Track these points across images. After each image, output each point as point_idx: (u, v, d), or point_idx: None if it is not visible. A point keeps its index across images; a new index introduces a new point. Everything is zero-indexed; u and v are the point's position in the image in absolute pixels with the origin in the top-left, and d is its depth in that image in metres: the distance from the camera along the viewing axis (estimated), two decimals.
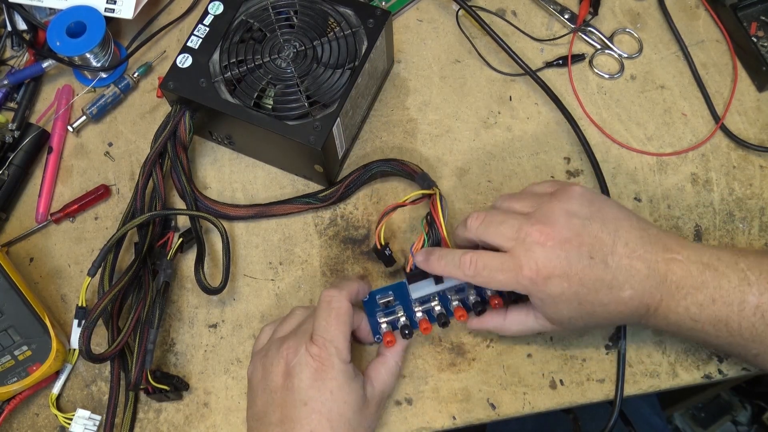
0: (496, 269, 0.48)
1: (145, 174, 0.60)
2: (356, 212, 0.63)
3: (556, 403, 0.56)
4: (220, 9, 0.61)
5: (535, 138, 0.64)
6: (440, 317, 0.54)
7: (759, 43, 0.64)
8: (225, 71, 0.59)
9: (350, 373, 0.49)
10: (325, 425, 0.47)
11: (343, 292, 0.51)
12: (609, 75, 0.66)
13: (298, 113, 0.57)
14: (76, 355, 0.60)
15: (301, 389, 0.48)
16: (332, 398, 0.48)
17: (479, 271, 0.48)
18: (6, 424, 0.59)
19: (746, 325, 0.47)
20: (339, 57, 0.58)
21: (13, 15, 0.70)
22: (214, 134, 0.64)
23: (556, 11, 0.69)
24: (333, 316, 0.49)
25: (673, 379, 0.56)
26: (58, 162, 0.67)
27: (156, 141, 0.60)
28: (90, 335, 0.54)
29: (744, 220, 0.61)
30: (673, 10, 0.68)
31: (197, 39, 0.60)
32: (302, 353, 0.49)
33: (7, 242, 0.64)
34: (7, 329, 0.57)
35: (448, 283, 0.53)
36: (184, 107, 0.59)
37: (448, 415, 0.56)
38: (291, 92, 0.58)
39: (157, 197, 0.61)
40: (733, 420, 1.32)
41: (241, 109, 0.57)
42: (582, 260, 0.47)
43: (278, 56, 0.59)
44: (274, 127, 0.56)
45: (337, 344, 0.49)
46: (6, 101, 0.68)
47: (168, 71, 0.59)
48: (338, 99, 0.57)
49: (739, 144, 0.63)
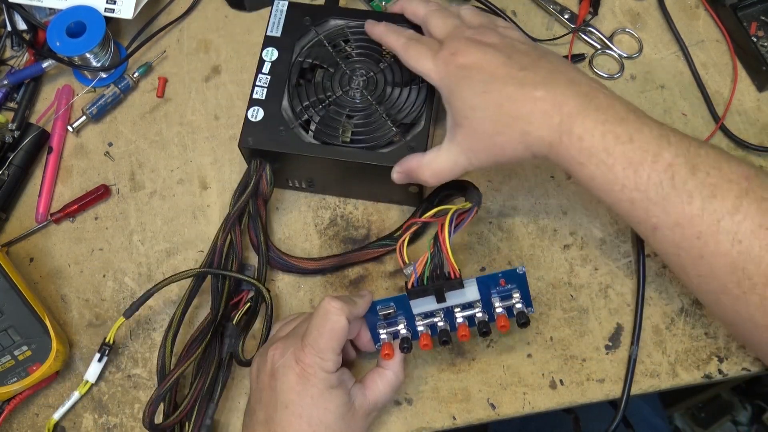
0: (423, 45, 0.53)
1: (225, 232, 0.58)
2: (356, 212, 0.63)
3: (556, 403, 0.56)
4: (275, 55, 0.60)
5: None
6: (442, 334, 0.52)
7: (759, 43, 0.64)
8: (301, 114, 0.57)
9: (332, 382, 0.49)
10: (306, 429, 0.48)
11: (345, 308, 0.49)
12: (609, 75, 0.66)
13: (386, 140, 0.56)
14: (87, 387, 0.58)
15: (283, 392, 0.48)
16: (313, 404, 0.48)
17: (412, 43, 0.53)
18: (6, 424, 0.59)
19: (655, 180, 0.45)
20: (410, 74, 0.57)
21: (13, 15, 0.70)
22: (292, 181, 0.62)
23: (556, 11, 0.69)
24: (327, 330, 0.48)
25: (673, 379, 0.56)
26: (58, 162, 0.67)
27: (238, 199, 0.58)
28: (156, 408, 0.52)
29: None
30: (673, 10, 0.68)
31: (262, 89, 0.59)
32: (288, 357, 0.49)
33: (7, 242, 0.64)
34: (7, 329, 0.57)
35: (450, 301, 0.52)
36: (264, 161, 0.58)
37: (448, 415, 0.56)
38: (373, 120, 0.57)
39: (233, 255, 0.59)
40: (733, 420, 1.32)
41: (329, 148, 0.56)
42: (499, 57, 0.49)
43: (349, 87, 0.58)
44: (368, 159, 0.55)
45: (324, 356, 0.48)
46: (6, 101, 0.68)
47: (243, 128, 0.57)
48: (423, 115, 0.57)
49: (739, 144, 0.63)
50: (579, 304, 0.58)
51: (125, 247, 0.64)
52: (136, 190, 0.66)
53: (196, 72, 0.70)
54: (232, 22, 0.71)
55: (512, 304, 0.51)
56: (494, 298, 0.52)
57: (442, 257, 0.51)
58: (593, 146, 0.46)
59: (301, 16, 0.61)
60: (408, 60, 0.53)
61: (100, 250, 0.64)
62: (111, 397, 0.59)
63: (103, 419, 0.58)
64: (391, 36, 0.56)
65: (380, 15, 0.61)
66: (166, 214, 0.64)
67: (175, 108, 0.68)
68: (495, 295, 0.52)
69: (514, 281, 0.51)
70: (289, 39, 0.60)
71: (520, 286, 0.51)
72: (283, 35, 0.60)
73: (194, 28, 0.71)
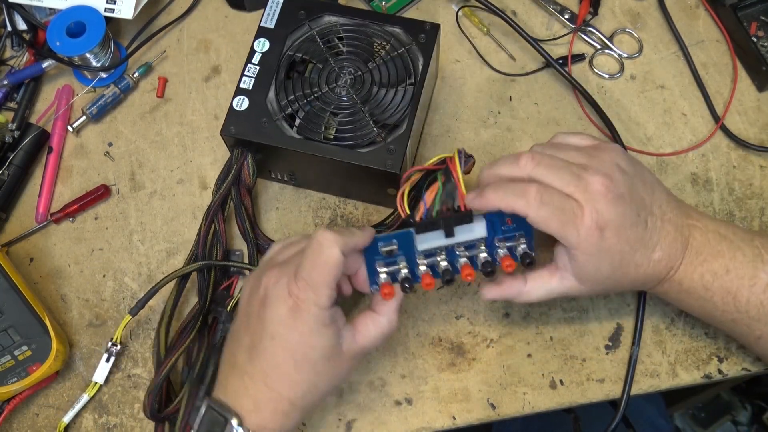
0: (558, 207, 0.46)
1: (208, 222, 0.59)
2: (356, 212, 0.63)
3: (556, 403, 0.56)
4: (266, 46, 0.60)
5: (534, 138, 0.64)
6: (445, 273, 0.49)
7: (759, 43, 0.64)
8: (285, 108, 0.58)
9: (324, 320, 0.46)
10: (290, 363, 0.47)
11: (339, 240, 0.46)
12: (609, 75, 0.66)
13: (368, 140, 0.56)
14: (96, 388, 0.58)
15: (273, 322, 0.47)
16: (300, 340, 0.46)
17: (545, 203, 0.46)
18: (6, 424, 0.59)
19: (755, 301, 0.47)
20: (397, 76, 0.58)
21: (13, 15, 0.70)
22: (275, 173, 0.62)
23: (556, 11, 0.69)
24: (320, 263, 0.46)
25: (673, 379, 0.56)
26: (58, 162, 0.67)
27: (219, 188, 0.59)
28: (156, 397, 0.53)
29: (744, 220, 0.60)
30: (673, 10, 0.68)
31: (249, 79, 0.59)
32: (281, 286, 0.47)
33: (7, 242, 0.64)
34: (7, 329, 0.56)
35: (459, 237, 0.49)
36: (245, 150, 0.58)
37: (448, 415, 0.56)
38: (357, 119, 0.57)
39: (218, 243, 0.60)
40: (733, 420, 1.32)
41: (310, 144, 0.56)
42: (632, 217, 0.47)
43: (336, 85, 0.58)
44: (347, 158, 0.55)
45: (318, 290, 0.46)
46: (6, 101, 0.68)
47: (226, 116, 0.58)
48: (406, 118, 0.56)
49: (739, 144, 0.63)
50: (579, 304, 0.58)
51: (125, 247, 0.64)
52: (136, 190, 0.66)
53: (196, 72, 0.70)
54: (232, 22, 0.71)
55: (515, 246, 0.50)
56: (499, 241, 0.50)
57: (454, 186, 0.49)
58: (692, 287, 0.49)
59: (296, 10, 0.61)
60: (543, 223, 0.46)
61: (100, 250, 0.64)
62: (111, 397, 0.59)
63: (103, 419, 0.58)
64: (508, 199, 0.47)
65: (379, 15, 0.61)
66: (166, 214, 0.64)
67: (175, 108, 0.68)
68: (501, 236, 0.50)
69: (521, 224, 0.49)
70: (282, 31, 0.60)
71: (525, 229, 0.50)
72: (277, 27, 0.60)
73: (194, 28, 0.71)
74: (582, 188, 0.46)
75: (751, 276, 0.48)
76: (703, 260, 0.48)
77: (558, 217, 0.46)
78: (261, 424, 0.47)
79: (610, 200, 0.46)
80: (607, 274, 0.48)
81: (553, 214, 0.46)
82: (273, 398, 0.47)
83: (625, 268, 0.48)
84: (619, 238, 0.46)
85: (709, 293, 0.48)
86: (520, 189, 0.46)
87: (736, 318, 0.48)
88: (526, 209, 0.46)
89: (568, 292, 0.50)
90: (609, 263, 0.47)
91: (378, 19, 0.60)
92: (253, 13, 0.71)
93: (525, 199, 0.46)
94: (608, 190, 0.46)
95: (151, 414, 0.54)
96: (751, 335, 0.49)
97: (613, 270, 0.48)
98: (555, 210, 0.46)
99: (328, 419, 0.57)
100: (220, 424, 0.46)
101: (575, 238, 0.46)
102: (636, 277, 0.48)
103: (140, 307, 0.57)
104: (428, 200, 0.49)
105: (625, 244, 0.47)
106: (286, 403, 0.47)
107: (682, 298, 0.50)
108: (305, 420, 0.57)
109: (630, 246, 0.47)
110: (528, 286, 0.51)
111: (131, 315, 0.57)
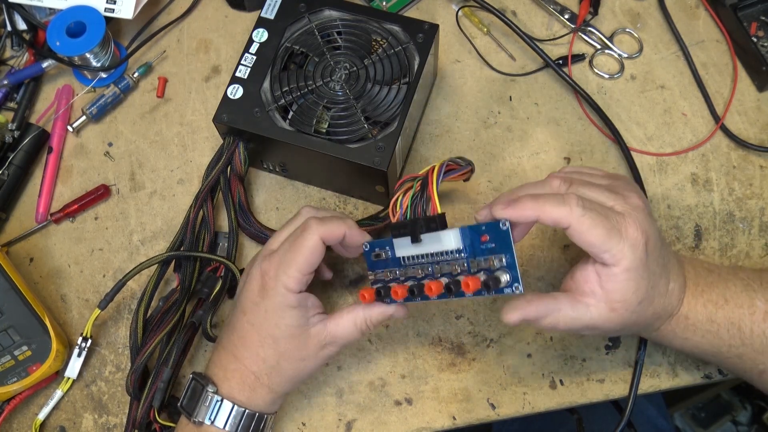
0: (602, 215, 0.43)
1: (196, 207, 0.60)
2: (356, 212, 0.63)
3: (556, 403, 0.56)
4: (264, 36, 0.60)
5: (535, 138, 0.64)
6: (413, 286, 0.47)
7: (759, 43, 0.64)
8: (278, 99, 0.58)
9: (290, 302, 0.48)
10: (255, 337, 0.49)
11: (321, 229, 0.48)
12: (609, 75, 0.66)
13: (358, 135, 0.56)
14: (69, 384, 0.59)
15: (246, 298, 0.50)
16: (265, 317, 0.49)
17: (588, 209, 0.43)
18: (6, 424, 0.59)
19: (758, 332, 0.47)
20: (392, 74, 0.58)
21: (13, 15, 0.70)
22: (266, 163, 0.63)
23: (556, 11, 0.69)
24: (296, 246, 0.48)
25: (673, 379, 0.56)
26: (58, 162, 0.67)
27: (209, 174, 0.60)
28: (137, 380, 0.55)
29: (744, 220, 0.61)
30: (673, 10, 0.68)
31: (245, 68, 0.59)
32: (256, 265, 0.50)
33: (7, 242, 0.64)
34: (7, 329, 0.57)
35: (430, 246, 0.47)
36: (237, 138, 0.59)
37: (448, 415, 0.56)
38: (348, 114, 0.57)
39: (206, 229, 0.60)
40: (733, 420, 1.32)
41: (300, 136, 0.56)
42: (660, 238, 0.47)
43: (330, 79, 0.58)
44: (336, 152, 0.55)
45: (288, 272, 0.48)
46: (6, 101, 0.68)
47: (220, 103, 0.58)
48: (397, 117, 0.56)
49: (739, 144, 0.63)
50: None
51: (125, 247, 0.64)
52: (136, 190, 0.66)
53: (196, 72, 0.70)
54: (232, 22, 0.71)
55: (492, 267, 0.45)
56: (478, 259, 0.46)
57: (427, 195, 0.49)
58: (698, 320, 0.48)
59: (297, 3, 0.61)
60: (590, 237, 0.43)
61: (100, 250, 0.64)
62: (111, 397, 0.59)
63: (103, 419, 0.58)
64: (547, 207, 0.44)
65: (379, 13, 0.61)
66: (166, 214, 0.64)
67: (175, 108, 0.68)
68: (471, 253, 0.46)
69: (498, 239, 0.45)
70: (281, 23, 0.60)
71: (503, 247, 0.44)
72: (277, 18, 0.61)
73: (194, 28, 0.71)
74: (621, 201, 0.45)
75: (749, 305, 0.48)
76: (702, 291, 0.48)
77: (603, 224, 0.43)
78: (230, 393, 0.50)
79: (647, 215, 0.46)
80: (641, 298, 0.45)
81: (597, 221, 0.43)
82: (239, 369, 0.50)
83: (651, 296, 0.45)
84: (655, 255, 0.45)
85: (715, 326, 0.48)
86: (560, 197, 0.44)
87: (743, 353, 0.48)
88: (569, 217, 0.43)
89: (592, 323, 0.45)
90: (646, 283, 0.44)
91: (377, 16, 0.60)
92: (253, 13, 0.71)
93: (567, 206, 0.43)
94: (645, 205, 0.46)
95: (135, 395, 0.55)
96: (755, 369, 0.49)
97: (646, 293, 0.45)
98: (599, 217, 0.43)
99: (328, 419, 0.57)
100: (199, 391, 0.50)
101: (619, 250, 0.43)
102: (655, 309, 0.46)
103: (108, 301, 0.57)
104: (404, 204, 0.50)
105: (656, 265, 0.45)
106: (251, 376, 0.50)
107: (688, 336, 0.49)
108: (305, 421, 0.57)
109: (659, 268, 0.46)
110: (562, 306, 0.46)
111: (100, 309, 0.57)
